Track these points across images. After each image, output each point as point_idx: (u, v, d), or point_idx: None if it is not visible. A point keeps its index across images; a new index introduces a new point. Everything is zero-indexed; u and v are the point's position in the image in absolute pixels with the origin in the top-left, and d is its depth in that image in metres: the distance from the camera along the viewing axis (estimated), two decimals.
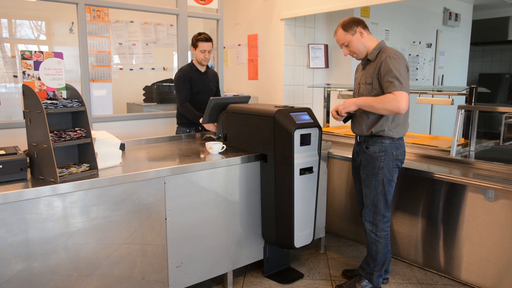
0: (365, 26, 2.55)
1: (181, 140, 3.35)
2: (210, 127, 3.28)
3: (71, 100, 2.12)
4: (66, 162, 2.15)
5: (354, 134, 2.74)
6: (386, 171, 2.51)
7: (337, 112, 2.57)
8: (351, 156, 3.22)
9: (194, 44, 3.51)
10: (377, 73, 2.44)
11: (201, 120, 3.30)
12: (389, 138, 2.50)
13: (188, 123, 3.61)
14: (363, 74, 2.58)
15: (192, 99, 3.55)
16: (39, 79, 2.08)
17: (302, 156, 2.63)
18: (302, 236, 2.74)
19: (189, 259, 2.52)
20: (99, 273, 2.16)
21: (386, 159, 2.50)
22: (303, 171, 2.65)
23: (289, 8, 4.49)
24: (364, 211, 2.65)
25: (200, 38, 3.46)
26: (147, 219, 2.31)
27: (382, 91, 2.44)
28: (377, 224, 2.60)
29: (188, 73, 3.53)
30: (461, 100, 4.59)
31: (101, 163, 2.22)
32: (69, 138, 2.05)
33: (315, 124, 2.68)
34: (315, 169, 2.72)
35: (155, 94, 4.59)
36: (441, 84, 6.26)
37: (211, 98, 3.04)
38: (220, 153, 2.75)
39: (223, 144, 2.81)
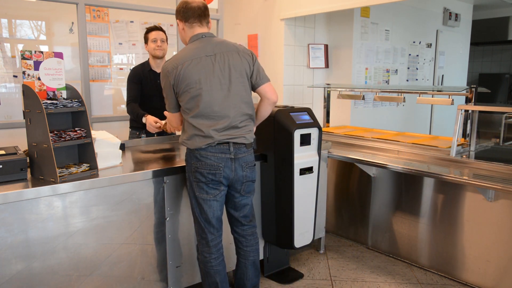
0: (187, 18, 2.14)
1: None
2: (151, 128, 2.84)
3: (71, 100, 2.12)
4: (66, 162, 2.15)
5: (355, 134, 2.73)
6: (188, 184, 2.23)
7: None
8: (351, 156, 3.23)
9: (145, 39, 3.12)
10: None
11: (144, 119, 2.88)
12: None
13: (137, 126, 3.15)
14: None
15: (144, 104, 3.10)
16: (39, 79, 2.08)
17: (302, 156, 2.63)
18: (302, 236, 2.74)
19: (189, 259, 2.51)
20: (99, 273, 2.16)
21: (188, 169, 2.22)
22: (303, 171, 2.65)
23: (289, 8, 4.49)
24: None
25: (148, 29, 3.11)
26: (147, 219, 2.31)
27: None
28: (197, 245, 2.29)
29: (138, 73, 3.13)
30: (461, 100, 4.58)
31: (101, 163, 2.22)
32: (69, 138, 2.05)
33: (315, 124, 2.68)
34: (315, 169, 2.72)
35: None
36: (441, 84, 6.25)
37: None
38: None
39: None
